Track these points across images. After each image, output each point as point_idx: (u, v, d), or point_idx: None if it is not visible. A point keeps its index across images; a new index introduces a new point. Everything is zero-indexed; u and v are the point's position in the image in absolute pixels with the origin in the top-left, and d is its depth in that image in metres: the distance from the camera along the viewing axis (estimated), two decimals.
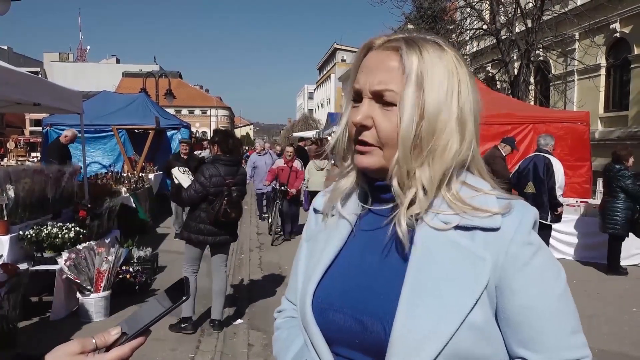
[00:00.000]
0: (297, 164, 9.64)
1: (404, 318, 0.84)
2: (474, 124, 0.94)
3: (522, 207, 0.91)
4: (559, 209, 6.57)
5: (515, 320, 0.87)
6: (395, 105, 0.90)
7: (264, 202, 11.66)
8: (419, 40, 0.93)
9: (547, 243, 6.32)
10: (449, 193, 0.91)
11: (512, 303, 0.86)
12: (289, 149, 9.85)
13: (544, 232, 6.25)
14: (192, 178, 4.77)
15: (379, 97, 0.92)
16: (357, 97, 0.96)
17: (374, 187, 0.98)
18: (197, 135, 35.77)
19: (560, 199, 6.67)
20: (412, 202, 0.91)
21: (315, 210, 1.12)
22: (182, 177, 4.78)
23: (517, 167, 7.07)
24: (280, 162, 9.71)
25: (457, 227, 0.88)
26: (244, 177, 5.04)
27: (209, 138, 23.16)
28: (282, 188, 9.32)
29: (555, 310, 0.87)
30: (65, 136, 9.44)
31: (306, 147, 15.57)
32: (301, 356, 0.98)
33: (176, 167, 4.90)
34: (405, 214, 0.90)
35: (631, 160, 6.98)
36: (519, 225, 0.88)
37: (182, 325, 4.72)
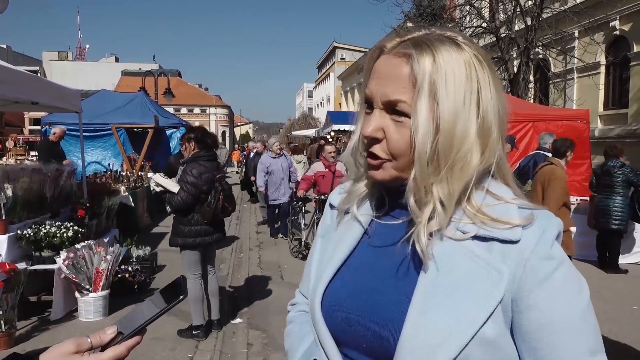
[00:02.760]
0: (340, 167, 7.61)
1: (413, 326, 0.81)
2: (499, 129, 0.88)
3: (544, 219, 0.86)
4: None
5: (530, 337, 0.82)
6: (408, 116, 0.85)
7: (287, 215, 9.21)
8: (433, 42, 0.86)
9: None
10: (468, 203, 0.87)
11: (528, 319, 0.82)
12: (330, 148, 7.83)
13: None
14: (174, 181, 4.52)
15: (390, 108, 0.87)
16: (369, 104, 0.92)
17: (390, 193, 0.95)
18: None
19: None
20: (430, 216, 0.87)
21: (331, 206, 1.11)
22: (167, 182, 4.49)
23: (517, 165, 7.06)
24: (319, 167, 7.79)
25: (475, 237, 0.85)
26: (223, 171, 4.98)
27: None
28: (325, 197, 7.19)
29: (573, 329, 0.82)
30: (54, 133, 9.45)
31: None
32: (310, 354, 0.96)
33: (157, 174, 4.68)
34: (425, 231, 0.86)
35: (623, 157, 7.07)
36: (540, 237, 0.83)
37: (194, 332, 4.64)
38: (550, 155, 6.67)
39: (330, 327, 0.93)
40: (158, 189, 4.49)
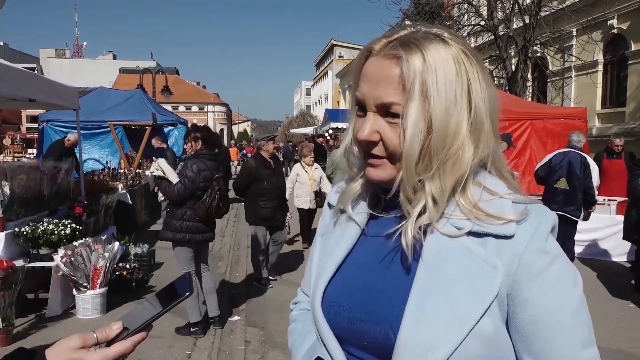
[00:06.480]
0: None
1: (410, 323, 0.82)
2: (491, 124, 0.88)
3: (539, 213, 0.86)
4: (592, 208, 6.53)
5: (526, 330, 0.83)
6: (402, 117, 0.85)
7: None
8: (421, 41, 0.85)
9: (573, 239, 6.41)
10: (463, 198, 0.87)
11: (523, 313, 0.83)
12: None
13: (572, 229, 6.29)
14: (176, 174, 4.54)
15: (383, 111, 0.87)
16: (361, 106, 0.91)
17: (385, 191, 0.95)
18: None
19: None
20: (422, 212, 0.87)
21: (330, 205, 1.12)
22: (170, 170, 4.51)
23: (546, 159, 6.80)
24: None
25: (470, 233, 0.85)
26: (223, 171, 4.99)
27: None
28: None
29: (567, 322, 0.84)
30: (68, 140, 9.43)
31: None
32: (314, 352, 0.97)
33: (162, 159, 4.70)
34: (412, 225, 0.87)
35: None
36: (535, 232, 0.84)
37: (192, 330, 4.65)
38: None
39: (331, 325, 0.94)
40: (157, 173, 4.53)
